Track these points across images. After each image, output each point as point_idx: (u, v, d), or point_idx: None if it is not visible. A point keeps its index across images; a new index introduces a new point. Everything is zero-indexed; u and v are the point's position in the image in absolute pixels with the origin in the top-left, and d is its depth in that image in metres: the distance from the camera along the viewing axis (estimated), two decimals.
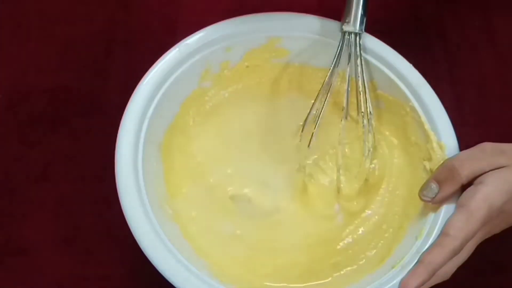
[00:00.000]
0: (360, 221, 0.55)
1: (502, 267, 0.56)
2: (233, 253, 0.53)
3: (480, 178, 0.46)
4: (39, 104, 0.61)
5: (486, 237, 0.48)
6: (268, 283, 0.51)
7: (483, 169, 0.46)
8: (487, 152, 0.47)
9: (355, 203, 0.55)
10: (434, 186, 0.48)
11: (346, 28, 0.54)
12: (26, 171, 0.58)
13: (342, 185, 0.56)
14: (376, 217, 0.55)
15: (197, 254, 0.50)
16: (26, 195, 0.57)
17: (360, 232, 0.54)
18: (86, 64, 0.64)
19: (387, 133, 0.57)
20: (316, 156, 0.57)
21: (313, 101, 0.55)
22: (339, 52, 0.54)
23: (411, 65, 0.55)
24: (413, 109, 0.54)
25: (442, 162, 0.49)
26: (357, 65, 0.54)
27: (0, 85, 0.62)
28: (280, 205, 0.55)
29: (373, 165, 0.56)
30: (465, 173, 0.46)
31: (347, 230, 0.54)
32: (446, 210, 0.47)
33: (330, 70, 0.54)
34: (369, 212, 0.55)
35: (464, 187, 0.47)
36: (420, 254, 0.46)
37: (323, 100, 0.54)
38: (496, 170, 0.46)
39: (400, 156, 0.56)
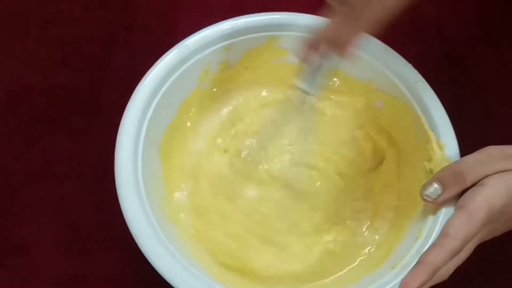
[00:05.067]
0: (359, 221, 0.55)
1: (501, 267, 0.56)
2: (233, 254, 0.52)
3: (481, 180, 0.46)
4: (39, 104, 0.61)
5: (486, 239, 0.48)
6: (268, 284, 0.51)
7: (488, 174, 0.46)
8: (493, 157, 0.47)
9: None
10: (438, 187, 0.47)
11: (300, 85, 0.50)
12: (26, 171, 0.58)
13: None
14: (376, 216, 0.55)
15: (198, 256, 0.50)
16: (26, 195, 0.57)
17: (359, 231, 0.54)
18: (86, 64, 0.64)
19: (386, 132, 0.57)
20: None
21: None
22: None
23: (410, 64, 0.55)
24: (412, 108, 0.54)
25: (446, 164, 0.49)
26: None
27: (0, 85, 0.62)
28: (281, 205, 0.55)
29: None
30: (471, 179, 0.46)
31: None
32: (446, 211, 0.47)
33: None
34: (369, 211, 0.55)
35: (465, 189, 0.47)
36: (420, 254, 0.46)
37: None
38: (498, 173, 0.46)
39: (399, 155, 0.56)
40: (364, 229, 0.55)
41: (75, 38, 0.65)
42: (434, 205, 0.48)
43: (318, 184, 0.57)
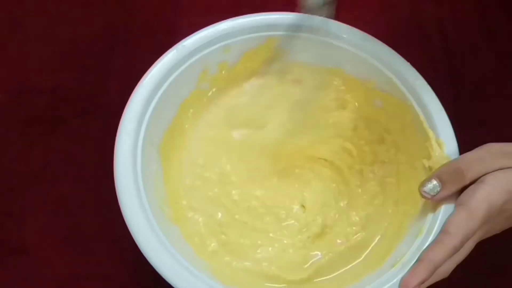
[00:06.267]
0: (359, 220, 0.55)
1: (501, 267, 0.56)
2: (234, 254, 0.52)
3: (481, 177, 0.46)
4: (39, 104, 0.61)
5: (486, 236, 0.48)
6: (269, 284, 0.51)
7: (488, 171, 0.46)
8: (493, 155, 0.46)
9: None
10: (437, 184, 0.47)
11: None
12: (26, 170, 0.58)
13: None
14: (375, 216, 0.55)
15: (197, 256, 0.50)
16: (26, 195, 0.57)
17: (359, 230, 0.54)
18: (86, 64, 0.64)
19: (385, 131, 0.57)
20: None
21: None
22: None
23: (409, 63, 0.55)
24: (411, 107, 0.53)
25: (445, 162, 0.49)
26: None
27: (0, 85, 0.62)
28: (282, 205, 0.55)
29: None
30: (470, 176, 0.46)
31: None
32: (445, 208, 0.47)
33: None
34: (368, 210, 0.55)
35: (464, 186, 0.47)
36: (420, 252, 0.46)
37: None
38: (498, 170, 0.46)
39: (398, 153, 0.56)
40: (363, 227, 0.54)
41: (75, 38, 0.65)
42: (434, 203, 0.48)
43: (313, 183, 0.57)
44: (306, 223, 0.54)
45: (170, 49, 0.53)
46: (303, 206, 0.55)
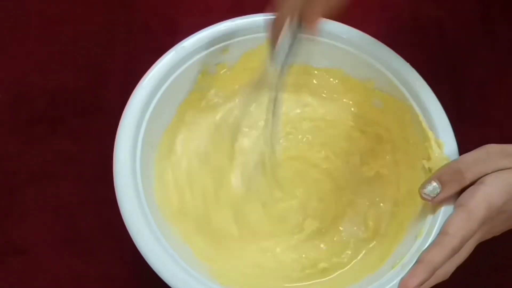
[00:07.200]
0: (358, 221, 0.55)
1: (501, 268, 0.56)
2: (233, 255, 0.52)
3: (481, 178, 0.46)
4: (39, 104, 0.61)
5: (486, 238, 0.48)
6: (268, 285, 0.51)
7: (487, 172, 0.46)
8: (493, 156, 0.46)
9: None
10: (437, 185, 0.47)
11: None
12: (26, 171, 0.58)
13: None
14: (375, 217, 0.55)
15: (197, 257, 0.50)
16: (26, 195, 0.57)
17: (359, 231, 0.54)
18: (86, 64, 0.64)
19: (384, 131, 0.57)
20: None
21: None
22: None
23: (408, 64, 0.55)
24: (410, 107, 0.53)
25: (445, 162, 0.49)
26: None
27: (0, 85, 0.62)
28: (281, 206, 0.56)
29: None
30: (470, 177, 0.46)
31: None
32: (445, 209, 0.47)
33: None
34: (368, 211, 0.55)
35: (464, 187, 0.47)
36: (419, 253, 0.46)
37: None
38: (497, 171, 0.46)
39: (398, 154, 0.56)
40: (362, 228, 0.55)
41: (75, 38, 0.65)
42: (433, 204, 0.48)
43: (312, 181, 0.57)
44: (305, 224, 0.54)
45: (170, 50, 0.53)
46: (303, 207, 0.55)
